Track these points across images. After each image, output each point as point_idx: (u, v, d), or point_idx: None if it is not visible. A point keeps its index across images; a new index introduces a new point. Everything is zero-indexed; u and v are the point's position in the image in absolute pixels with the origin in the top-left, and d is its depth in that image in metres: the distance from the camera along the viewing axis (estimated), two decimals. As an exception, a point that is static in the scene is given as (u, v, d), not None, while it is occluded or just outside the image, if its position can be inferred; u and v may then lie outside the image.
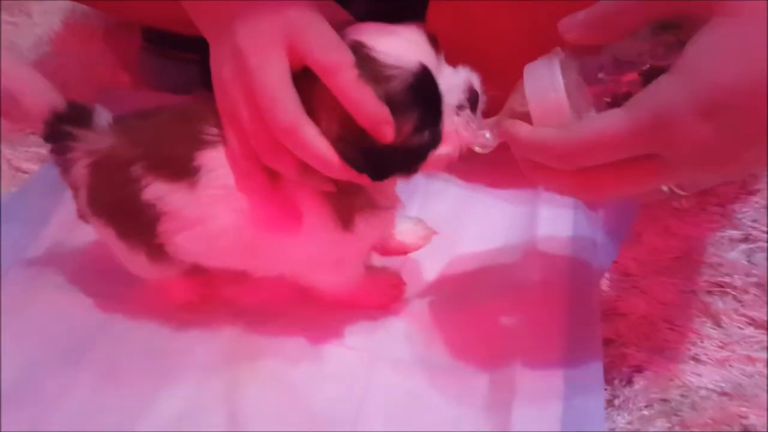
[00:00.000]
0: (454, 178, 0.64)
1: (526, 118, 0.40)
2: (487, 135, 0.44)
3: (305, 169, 0.44)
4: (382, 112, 0.42)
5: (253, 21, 0.43)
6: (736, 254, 0.57)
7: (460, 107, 0.44)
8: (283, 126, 0.42)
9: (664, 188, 0.42)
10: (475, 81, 0.45)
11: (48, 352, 0.54)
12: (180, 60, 0.73)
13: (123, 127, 0.49)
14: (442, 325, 0.54)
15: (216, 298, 0.57)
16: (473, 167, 0.64)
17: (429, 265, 0.59)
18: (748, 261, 0.57)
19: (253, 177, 0.46)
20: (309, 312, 0.55)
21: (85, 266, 0.60)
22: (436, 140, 0.44)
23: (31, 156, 0.73)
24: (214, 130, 0.46)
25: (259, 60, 0.42)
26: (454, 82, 0.44)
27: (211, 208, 0.47)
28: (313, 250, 0.48)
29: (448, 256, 0.59)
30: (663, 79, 0.35)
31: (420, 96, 0.42)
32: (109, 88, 0.78)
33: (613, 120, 0.36)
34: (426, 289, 0.57)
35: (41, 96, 0.50)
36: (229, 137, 0.45)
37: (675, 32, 0.37)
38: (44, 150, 0.73)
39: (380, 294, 0.56)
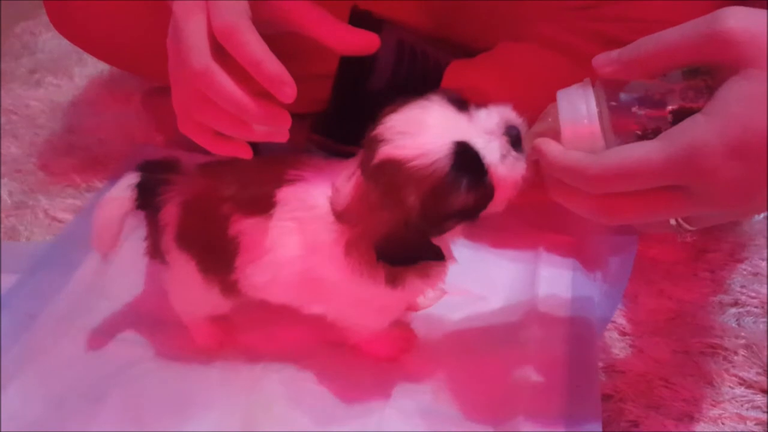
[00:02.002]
0: (461, 238, 0.68)
1: (554, 137, 0.42)
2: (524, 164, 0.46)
3: (230, 121, 0.46)
4: (281, 70, 0.44)
5: None
6: (726, 317, 0.60)
7: (503, 156, 0.45)
8: (197, 69, 0.44)
9: (672, 222, 0.43)
10: (510, 115, 0.46)
11: (72, 391, 0.57)
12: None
13: (211, 171, 0.53)
14: (448, 377, 0.57)
15: (235, 343, 0.60)
16: (478, 229, 0.69)
17: (437, 320, 0.61)
18: (738, 324, 0.60)
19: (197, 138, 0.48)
20: (321, 360, 0.58)
21: (112, 311, 0.64)
22: (489, 193, 0.46)
23: (66, 206, 0.78)
24: (295, 172, 0.51)
25: (183, 19, 0.46)
26: (490, 128, 0.46)
27: (280, 238, 0.50)
28: (362, 295, 0.51)
29: (454, 312, 0.62)
30: (698, 118, 0.37)
31: (462, 169, 0.44)
32: (144, 145, 0.84)
33: (648, 150, 0.38)
34: (434, 343, 0.60)
35: None
36: (173, 100, 0.48)
37: (704, 78, 0.39)
38: (79, 201, 0.79)
39: (392, 345, 0.58)
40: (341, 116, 0.73)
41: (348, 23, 0.68)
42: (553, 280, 0.62)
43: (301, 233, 0.50)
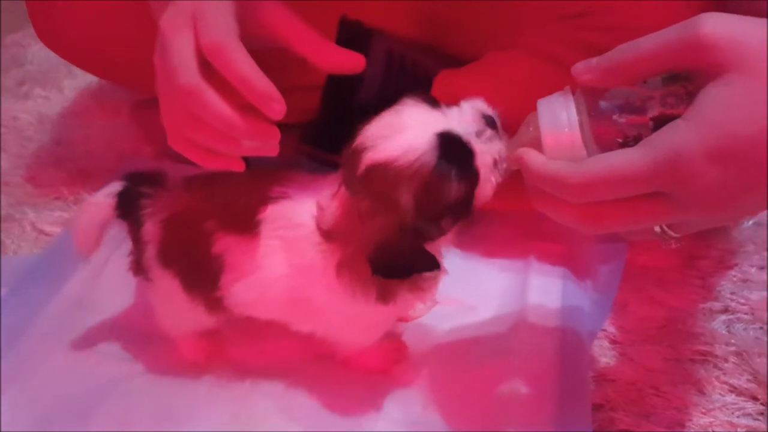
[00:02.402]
0: (451, 248, 0.68)
1: (535, 147, 0.42)
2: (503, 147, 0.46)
3: (219, 137, 0.46)
4: (269, 88, 0.44)
5: (172, 7, 0.47)
6: (716, 324, 0.60)
7: (480, 133, 0.46)
8: (185, 87, 0.44)
9: (657, 229, 0.42)
10: (481, 105, 0.47)
11: (61, 406, 0.56)
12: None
13: (195, 186, 0.53)
14: (438, 388, 0.56)
15: (224, 358, 0.60)
16: (469, 238, 0.69)
17: (428, 330, 0.61)
18: (728, 331, 0.60)
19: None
20: (311, 373, 0.57)
21: (99, 326, 0.63)
22: (475, 179, 0.46)
23: (54, 219, 0.78)
24: (279, 189, 0.50)
25: (171, 36, 0.46)
26: (467, 112, 0.46)
27: (266, 258, 0.50)
28: (352, 313, 0.50)
29: (445, 322, 0.62)
30: (679, 123, 0.37)
31: (450, 160, 0.44)
32: (132, 157, 0.83)
33: (629, 158, 0.38)
34: (424, 354, 0.59)
35: None
36: (162, 116, 0.49)
37: (684, 84, 0.39)
38: (66, 214, 0.78)
39: (383, 357, 0.58)
40: (330, 126, 0.73)
41: (337, 33, 0.69)
42: (543, 289, 0.62)
43: (287, 252, 0.50)
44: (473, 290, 0.64)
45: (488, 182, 0.46)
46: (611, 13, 0.62)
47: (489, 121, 0.46)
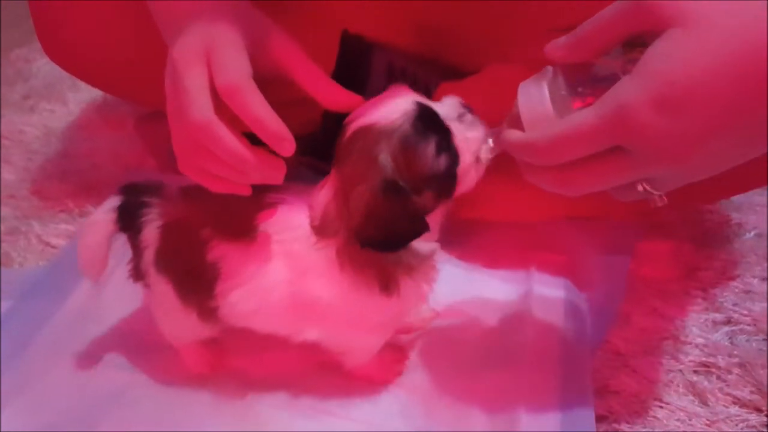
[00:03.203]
0: (453, 258, 0.69)
1: (520, 128, 0.46)
2: (490, 142, 0.50)
3: (228, 169, 0.48)
4: (281, 129, 0.47)
5: (185, 37, 0.49)
6: (719, 336, 0.60)
7: (460, 116, 0.49)
8: (198, 123, 0.46)
9: (639, 188, 0.44)
10: (459, 100, 0.51)
11: (65, 417, 0.57)
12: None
13: (192, 195, 0.53)
14: (440, 398, 0.56)
15: (227, 367, 0.60)
16: (471, 249, 0.69)
17: (430, 341, 0.61)
18: (731, 342, 0.60)
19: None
20: (313, 384, 0.58)
21: (103, 337, 0.64)
22: (455, 156, 0.49)
23: (60, 232, 0.78)
24: (275, 195, 0.51)
25: (183, 68, 0.48)
26: (446, 104, 0.50)
27: (265, 264, 0.50)
28: (357, 310, 0.51)
29: (447, 333, 0.62)
30: (624, 80, 0.40)
31: (426, 125, 0.48)
32: (137, 169, 0.84)
33: (583, 116, 0.41)
34: (427, 364, 0.59)
35: None
36: (173, 143, 0.50)
37: (642, 49, 0.41)
38: (72, 226, 0.79)
39: (385, 368, 0.58)
40: (332, 138, 0.74)
41: (339, 48, 0.69)
42: (545, 299, 0.62)
43: (286, 257, 0.50)
44: (475, 300, 0.64)
45: (470, 163, 0.49)
46: None
47: (467, 108, 0.50)
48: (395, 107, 0.48)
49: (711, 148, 0.40)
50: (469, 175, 0.49)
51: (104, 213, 0.55)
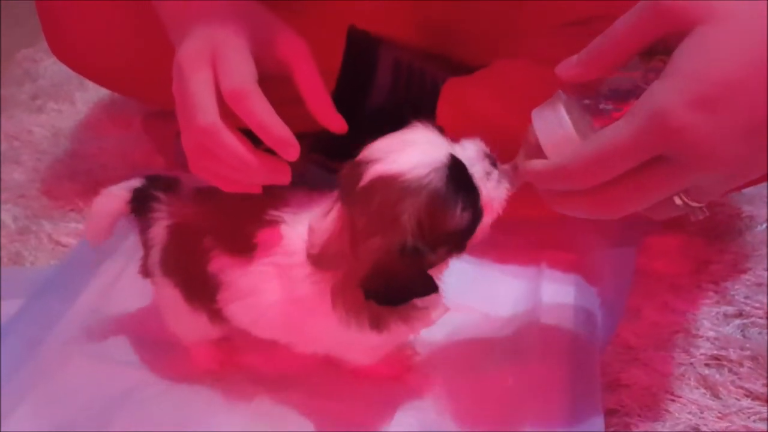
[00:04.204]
0: (463, 254, 0.68)
1: (540, 157, 0.43)
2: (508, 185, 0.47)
3: (235, 171, 0.48)
4: (286, 134, 0.47)
5: (191, 40, 0.49)
6: (730, 329, 0.60)
7: (488, 174, 0.46)
8: (203, 127, 0.46)
9: (678, 202, 0.41)
10: (482, 145, 0.47)
11: (78, 416, 0.57)
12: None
13: (203, 198, 0.53)
14: (451, 395, 0.56)
15: (239, 366, 0.60)
16: (481, 245, 0.69)
17: (440, 337, 0.61)
18: (743, 335, 0.60)
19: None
20: (325, 381, 0.58)
21: (115, 335, 0.64)
22: (479, 214, 0.46)
23: (70, 231, 0.79)
24: (275, 213, 0.50)
25: (189, 72, 0.48)
26: (470, 155, 0.46)
27: (261, 283, 0.50)
28: (347, 339, 0.50)
29: (457, 329, 0.62)
30: (655, 85, 0.38)
31: (457, 182, 0.44)
32: (145, 168, 0.84)
33: (616, 129, 0.39)
34: (436, 360, 0.59)
35: None
36: (183, 144, 0.50)
37: (662, 58, 0.39)
38: (82, 226, 0.79)
39: (395, 365, 0.58)
40: (340, 135, 0.74)
41: (346, 43, 0.69)
42: (555, 295, 0.62)
43: (281, 279, 0.50)
44: (485, 297, 0.64)
45: (488, 220, 0.47)
46: (616, 19, 0.63)
47: (491, 160, 0.47)
48: (421, 156, 0.44)
49: (755, 144, 0.38)
50: (483, 230, 0.47)
51: (120, 189, 0.56)
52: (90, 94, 1.02)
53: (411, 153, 0.44)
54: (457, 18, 0.73)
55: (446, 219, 0.44)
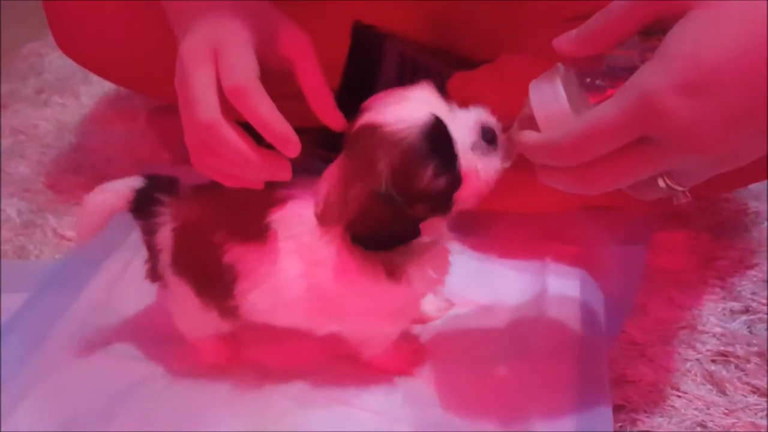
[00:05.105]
0: (468, 249, 0.68)
1: (534, 129, 0.43)
2: (506, 164, 0.48)
3: (234, 167, 0.48)
4: (287, 131, 0.47)
5: (193, 35, 0.49)
6: (737, 325, 0.60)
7: (474, 147, 0.47)
8: (203, 123, 0.47)
9: (662, 184, 0.41)
10: (487, 117, 0.48)
11: (83, 410, 0.57)
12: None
13: (205, 195, 0.54)
14: (457, 389, 0.56)
15: (244, 359, 0.60)
16: (485, 240, 0.69)
17: (445, 332, 0.61)
18: (749, 331, 0.59)
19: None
20: (331, 374, 0.58)
21: (120, 329, 0.64)
22: (456, 181, 0.47)
23: (75, 225, 0.78)
24: (284, 192, 0.51)
25: (190, 67, 0.48)
26: (466, 124, 0.47)
27: (281, 261, 0.50)
28: (371, 301, 0.51)
29: (462, 323, 0.62)
30: (645, 66, 0.38)
31: (433, 145, 0.45)
32: (150, 163, 0.84)
33: (606, 109, 0.39)
34: (443, 355, 0.59)
35: None
36: (185, 139, 0.50)
37: (659, 37, 0.39)
38: (75, 235, 0.79)
39: (402, 359, 0.58)
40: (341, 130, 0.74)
41: (351, 38, 0.69)
42: (560, 290, 0.62)
43: (299, 250, 0.50)
44: (490, 292, 0.64)
45: (469, 192, 0.47)
46: None
47: (488, 134, 0.47)
48: (408, 112, 0.46)
49: (741, 133, 0.38)
50: (470, 198, 0.48)
51: (122, 185, 0.55)
52: (95, 89, 1.03)
53: (400, 107, 0.46)
54: (462, 13, 0.73)
55: (417, 177, 0.46)
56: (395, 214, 0.46)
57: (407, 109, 0.46)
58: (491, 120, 0.48)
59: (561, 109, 0.42)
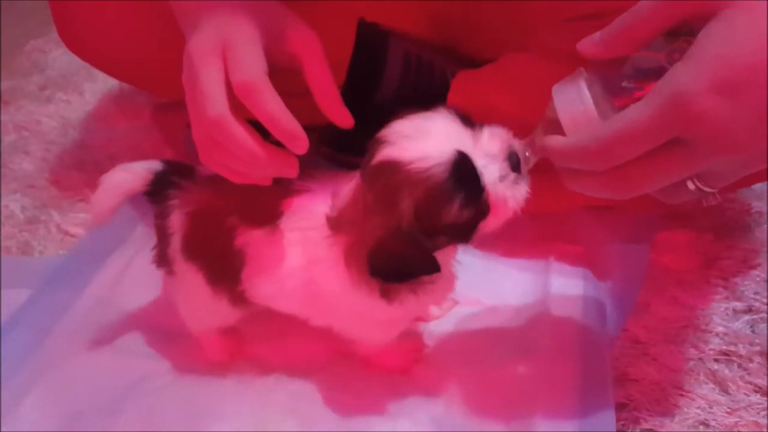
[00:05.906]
0: (470, 248, 0.68)
1: (558, 133, 0.43)
2: (527, 154, 0.47)
3: (243, 163, 0.48)
4: (295, 128, 0.47)
5: (202, 31, 0.49)
6: (740, 324, 0.60)
7: (502, 177, 0.46)
8: (212, 118, 0.47)
9: (691, 186, 0.41)
10: (510, 140, 0.47)
11: (87, 405, 0.57)
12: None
13: (217, 182, 0.53)
14: (459, 388, 0.57)
15: (247, 356, 0.60)
16: (489, 239, 0.69)
17: (448, 330, 0.61)
18: (752, 331, 0.60)
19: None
20: (333, 372, 0.58)
21: (124, 325, 0.64)
22: (483, 212, 0.46)
23: (78, 221, 0.79)
24: (302, 183, 0.51)
25: (199, 63, 0.48)
26: (491, 153, 0.46)
27: (285, 249, 0.51)
28: (361, 308, 0.51)
29: (465, 322, 0.62)
30: (678, 66, 0.38)
31: (459, 181, 0.44)
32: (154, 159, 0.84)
33: (636, 111, 0.39)
34: (445, 353, 0.60)
35: None
36: (193, 136, 0.50)
37: (687, 39, 0.39)
38: (90, 215, 0.79)
39: (403, 357, 0.58)
40: (350, 131, 0.74)
41: (356, 36, 0.69)
42: (564, 289, 0.62)
43: (303, 243, 0.51)
44: (493, 290, 0.64)
45: (495, 220, 0.47)
46: None
47: (513, 159, 0.46)
48: (432, 148, 0.44)
49: None
50: (494, 226, 0.47)
51: (142, 167, 0.56)
52: (99, 85, 1.02)
53: (422, 142, 0.45)
54: (468, 12, 0.73)
55: (443, 212, 0.45)
56: (416, 251, 0.46)
57: (431, 144, 0.44)
58: (514, 143, 0.47)
59: (587, 112, 0.42)
